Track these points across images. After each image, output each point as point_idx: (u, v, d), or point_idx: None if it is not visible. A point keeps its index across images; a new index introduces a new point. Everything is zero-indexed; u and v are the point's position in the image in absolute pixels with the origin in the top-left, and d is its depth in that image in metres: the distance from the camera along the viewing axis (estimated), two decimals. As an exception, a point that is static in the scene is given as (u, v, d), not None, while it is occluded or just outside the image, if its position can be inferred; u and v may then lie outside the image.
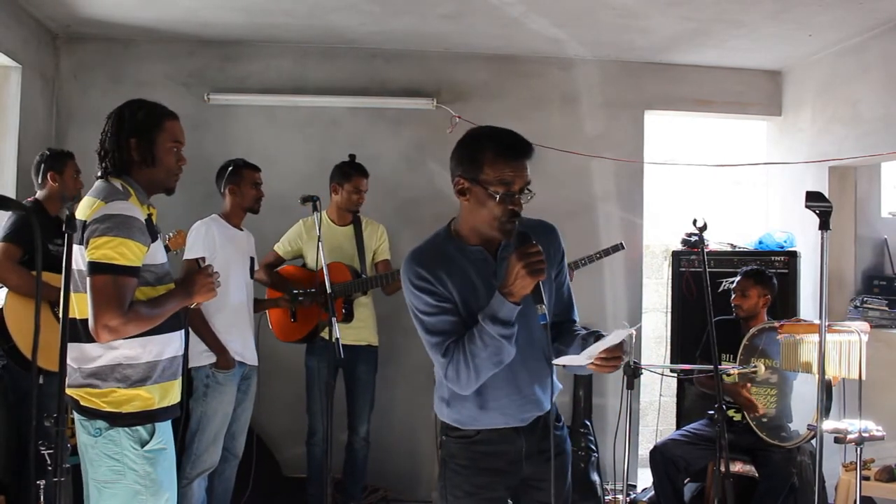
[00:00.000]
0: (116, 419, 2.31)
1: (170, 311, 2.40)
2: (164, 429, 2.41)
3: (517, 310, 2.04)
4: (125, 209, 2.30)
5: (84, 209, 2.34)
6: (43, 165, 3.79)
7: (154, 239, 2.39)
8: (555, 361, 2.17)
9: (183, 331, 2.53)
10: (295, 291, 4.07)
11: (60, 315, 2.14)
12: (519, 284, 2.00)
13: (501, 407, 2.20)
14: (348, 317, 4.15)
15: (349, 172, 4.24)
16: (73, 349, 2.32)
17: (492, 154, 2.09)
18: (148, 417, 2.35)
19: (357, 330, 4.17)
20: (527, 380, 2.21)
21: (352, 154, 4.32)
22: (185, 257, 3.78)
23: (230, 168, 3.90)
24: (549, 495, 2.12)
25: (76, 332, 2.32)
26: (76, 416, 2.35)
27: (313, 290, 4.01)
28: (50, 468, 2.14)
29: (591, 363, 2.10)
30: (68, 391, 2.33)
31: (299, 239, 4.31)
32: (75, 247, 2.26)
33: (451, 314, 2.13)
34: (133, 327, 2.28)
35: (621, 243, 4.43)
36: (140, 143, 2.40)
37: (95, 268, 2.25)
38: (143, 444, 2.33)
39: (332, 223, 4.30)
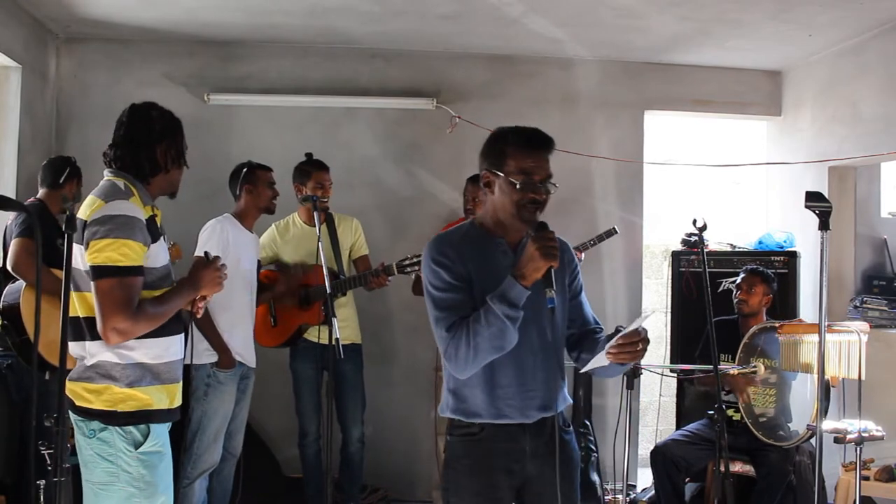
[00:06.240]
0: (111, 418, 2.29)
1: (177, 306, 2.40)
2: (161, 432, 2.38)
3: (526, 294, 2.10)
4: (125, 209, 2.29)
5: (85, 208, 2.33)
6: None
7: (156, 239, 2.38)
8: (582, 370, 2.27)
9: (183, 334, 2.51)
10: (294, 264, 4.12)
11: (62, 313, 2.14)
12: (531, 267, 2.08)
13: (508, 397, 2.23)
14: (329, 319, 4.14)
15: (308, 170, 4.18)
16: (77, 346, 2.33)
17: (514, 146, 2.22)
18: (144, 418, 2.32)
19: (340, 329, 4.13)
20: (536, 378, 2.25)
21: (308, 153, 4.26)
22: (196, 254, 3.76)
23: (245, 169, 3.90)
24: (552, 500, 2.19)
25: (80, 329, 2.32)
26: (72, 416, 2.34)
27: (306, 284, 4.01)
28: (50, 468, 2.13)
29: (609, 354, 2.15)
30: (68, 385, 2.32)
31: (273, 243, 4.28)
32: (75, 246, 2.25)
33: (463, 294, 2.19)
34: (143, 327, 2.28)
35: (614, 228, 4.41)
36: (169, 147, 2.47)
37: (100, 272, 2.23)
38: (137, 445, 2.30)
39: (304, 224, 4.26)
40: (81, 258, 2.28)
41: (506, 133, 2.27)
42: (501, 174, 2.21)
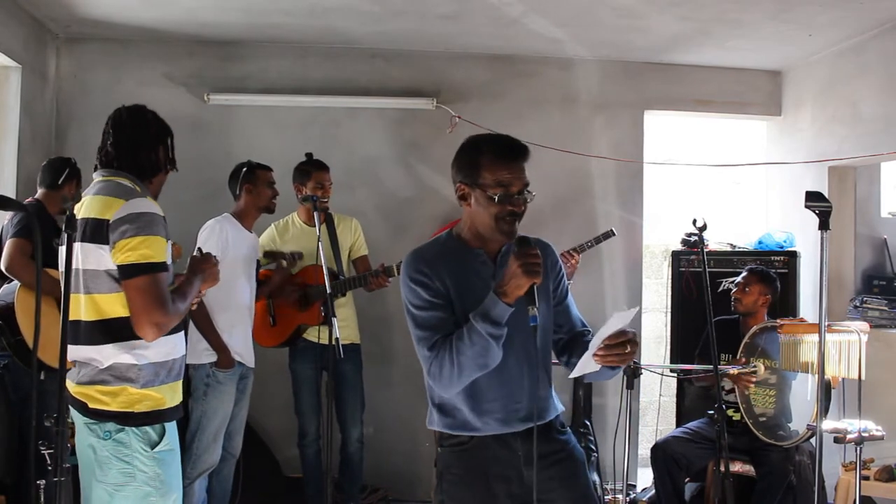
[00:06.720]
0: (127, 419, 2.31)
1: (192, 299, 2.47)
2: (172, 429, 2.42)
3: (509, 311, 2.05)
4: (148, 206, 2.33)
5: (100, 208, 2.32)
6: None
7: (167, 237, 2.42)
8: (570, 376, 2.21)
9: (184, 331, 2.54)
10: (291, 253, 4.13)
11: (61, 315, 2.13)
12: (514, 284, 2.02)
13: (495, 411, 2.18)
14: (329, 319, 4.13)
15: (308, 170, 4.18)
16: (85, 350, 2.33)
17: (489, 157, 2.15)
18: (158, 417, 2.36)
19: (340, 329, 4.13)
20: (523, 387, 2.20)
21: (308, 153, 4.26)
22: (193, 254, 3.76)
23: (244, 169, 3.91)
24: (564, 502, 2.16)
25: (90, 333, 2.32)
26: (83, 419, 2.34)
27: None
28: (50, 468, 2.13)
29: (596, 356, 2.08)
30: (78, 389, 2.33)
31: (273, 243, 4.27)
32: (78, 245, 2.25)
33: (443, 311, 2.16)
34: (175, 319, 2.35)
35: (612, 230, 4.38)
36: (166, 149, 2.53)
37: (136, 269, 2.26)
38: (153, 445, 2.33)
39: (303, 224, 4.27)
40: (95, 259, 2.29)
41: (479, 143, 2.20)
42: (478, 187, 2.15)
